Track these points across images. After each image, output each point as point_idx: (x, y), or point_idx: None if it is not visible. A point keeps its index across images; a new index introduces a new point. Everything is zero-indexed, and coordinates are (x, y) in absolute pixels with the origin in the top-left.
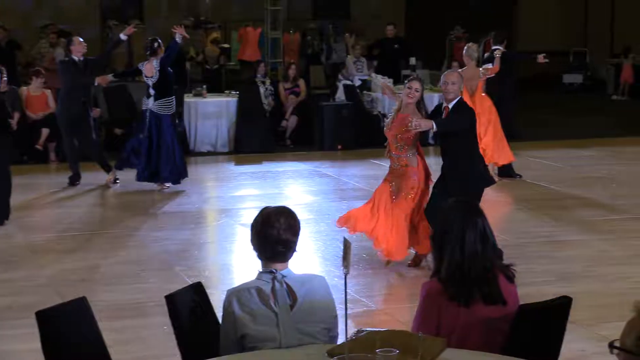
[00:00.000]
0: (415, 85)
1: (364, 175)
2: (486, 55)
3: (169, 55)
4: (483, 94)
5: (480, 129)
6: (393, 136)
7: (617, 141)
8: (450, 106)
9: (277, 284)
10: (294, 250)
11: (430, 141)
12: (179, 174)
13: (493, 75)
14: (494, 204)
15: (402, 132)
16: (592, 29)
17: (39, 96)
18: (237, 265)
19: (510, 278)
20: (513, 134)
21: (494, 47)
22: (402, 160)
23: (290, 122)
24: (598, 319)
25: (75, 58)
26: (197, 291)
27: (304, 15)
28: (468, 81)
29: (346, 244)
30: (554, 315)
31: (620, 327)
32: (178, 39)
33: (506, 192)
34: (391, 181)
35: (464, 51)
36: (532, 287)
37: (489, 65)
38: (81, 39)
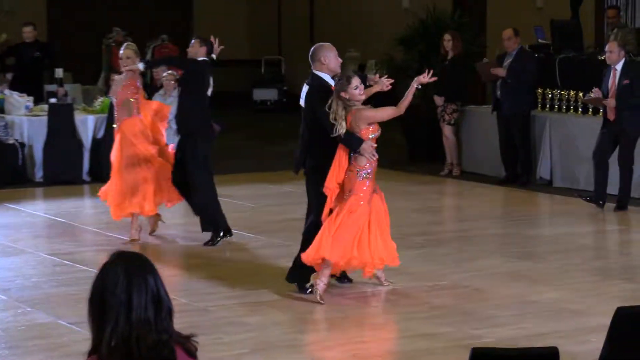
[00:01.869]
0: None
1: (4, 224)
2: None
3: None
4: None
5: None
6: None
7: None
8: None
9: None
10: None
11: None
12: None
13: None
14: (166, 259)
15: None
16: (288, 32)
17: None
18: None
19: (192, 352)
20: None
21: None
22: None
23: None
24: None
25: None
26: None
27: None
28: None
29: None
30: None
31: None
32: None
33: (181, 243)
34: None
35: None
36: None
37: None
38: None
